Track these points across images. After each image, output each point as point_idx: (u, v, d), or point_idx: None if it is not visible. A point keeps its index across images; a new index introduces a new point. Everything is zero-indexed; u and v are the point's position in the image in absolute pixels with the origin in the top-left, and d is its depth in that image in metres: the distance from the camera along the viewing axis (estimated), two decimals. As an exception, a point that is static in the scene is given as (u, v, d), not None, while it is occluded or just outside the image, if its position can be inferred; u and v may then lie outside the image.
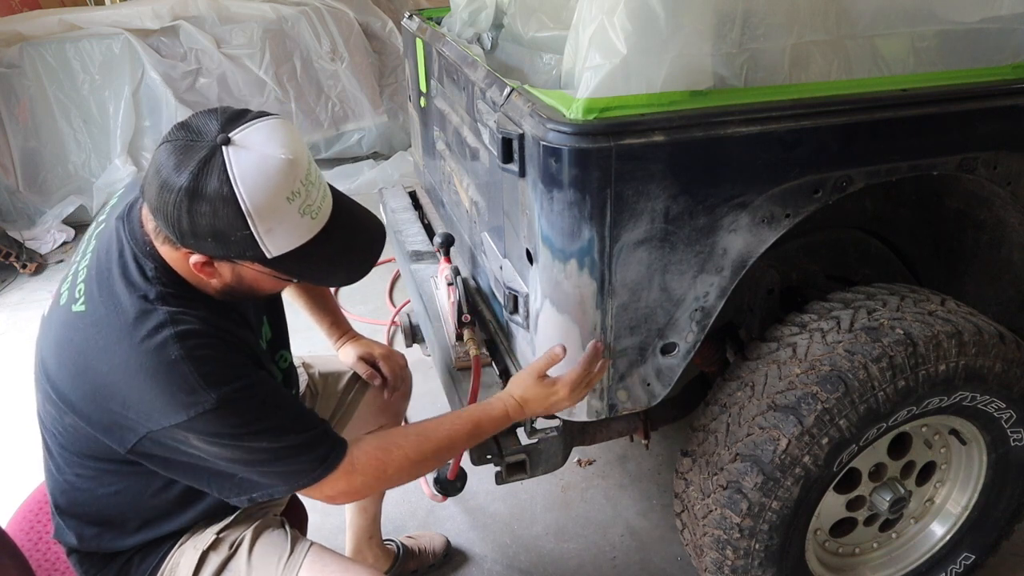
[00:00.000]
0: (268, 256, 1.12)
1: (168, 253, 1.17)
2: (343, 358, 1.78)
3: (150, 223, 1.17)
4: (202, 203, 1.05)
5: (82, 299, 1.18)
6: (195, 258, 1.13)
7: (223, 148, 1.06)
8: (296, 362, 1.67)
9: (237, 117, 1.10)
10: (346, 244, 1.20)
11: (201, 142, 1.06)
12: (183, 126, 1.10)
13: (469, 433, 1.33)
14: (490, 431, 1.37)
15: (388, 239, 1.32)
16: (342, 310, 1.87)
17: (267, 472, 1.19)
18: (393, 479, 1.30)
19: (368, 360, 1.76)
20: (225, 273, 1.18)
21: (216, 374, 1.13)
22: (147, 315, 1.13)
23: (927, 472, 1.72)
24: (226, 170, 1.05)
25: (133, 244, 1.19)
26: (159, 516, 1.31)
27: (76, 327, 1.17)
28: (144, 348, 1.11)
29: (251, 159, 1.06)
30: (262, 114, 1.13)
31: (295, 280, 1.23)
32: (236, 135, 1.07)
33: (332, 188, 1.22)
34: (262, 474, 1.19)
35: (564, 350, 1.34)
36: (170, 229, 1.10)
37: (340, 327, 1.80)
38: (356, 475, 1.23)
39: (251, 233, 1.08)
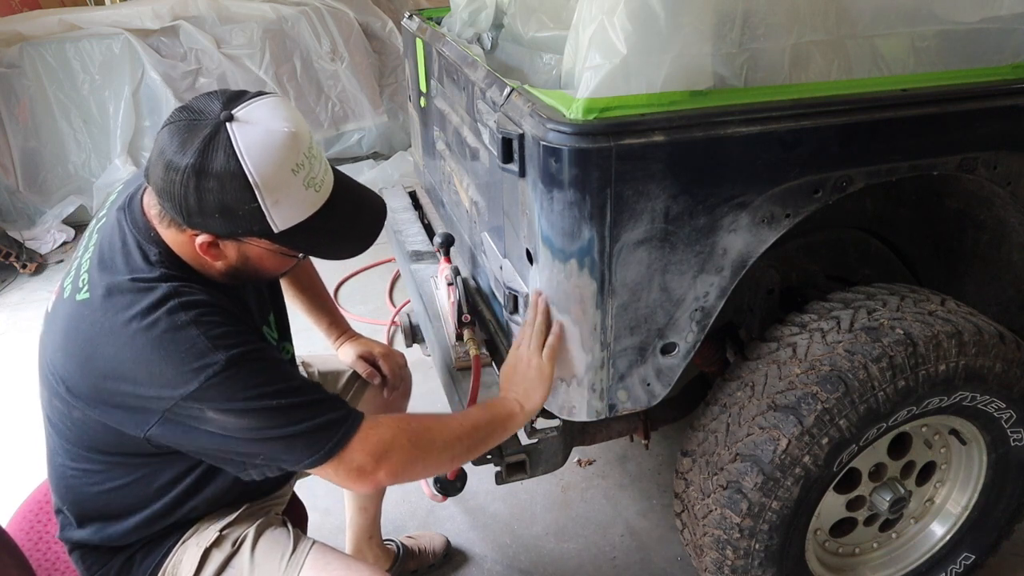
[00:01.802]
0: (275, 230, 1.13)
1: (172, 237, 1.18)
2: (342, 357, 1.78)
3: (154, 208, 1.18)
4: (209, 179, 1.07)
5: (85, 288, 1.19)
6: (201, 239, 1.14)
7: (227, 124, 1.08)
8: (296, 356, 1.68)
9: (237, 96, 1.13)
10: (350, 217, 1.22)
11: (204, 121, 1.08)
12: (184, 108, 1.12)
13: (489, 429, 1.32)
14: (511, 430, 1.36)
15: (388, 239, 1.33)
16: (342, 310, 1.87)
17: (292, 441, 1.14)
18: (423, 446, 1.23)
19: (367, 359, 1.76)
20: (230, 253, 1.18)
21: (223, 336, 1.13)
22: (151, 293, 1.14)
23: (927, 472, 1.72)
24: (232, 145, 1.06)
25: (135, 232, 1.20)
26: (164, 510, 1.31)
27: (81, 315, 1.17)
28: (150, 322, 1.12)
29: (256, 133, 1.08)
30: (260, 93, 1.15)
31: (300, 255, 1.24)
32: (239, 112, 1.09)
33: (333, 168, 1.23)
34: (287, 444, 1.14)
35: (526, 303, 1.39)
36: (176, 209, 1.11)
37: (339, 326, 1.81)
38: (383, 428, 1.19)
39: (259, 206, 1.09)
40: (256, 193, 1.08)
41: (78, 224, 4.42)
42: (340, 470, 1.17)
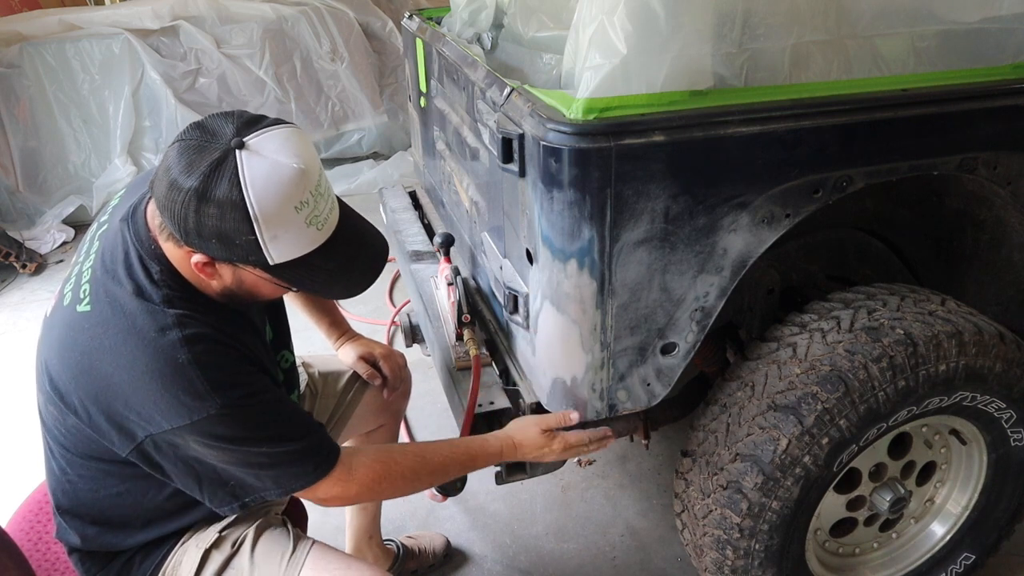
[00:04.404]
0: (270, 262, 1.12)
1: (171, 251, 1.18)
2: (343, 358, 1.78)
3: (156, 219, 1.17)
4: (210, 205, 1.06)
5: (87, 299, 1.18)
6: (197, 258, 1.13)
7: (236, 152, 1.06)
8: (296, 361, 1.67)
9: (253, 122, 1.11)
10: (348, 258, 1.20)
11: (215, 144, 1.07)
12: (198, 126, 1.11)
13: (463, 463, 1.38)
14: (483, 464, 1.41)
15: (388, 238, 1.33)
16: (342, 310, 1.87)
17: (263, 476, 1.21)
18: (386, 491, 1.34)
19: (368, 360, 1.76)
20: (226, 275, 1.18)
21: (221, 380, 1.14)
22: (154, 317, 1.14)
23: (927, 472, 1.72)
24: (237, 174, 1.05)
25: (138, 245, 1.19)
26: (162, 517, 1.31)
27: (81, 327, 1.17)
28: (151, 350, 1.12)
29: (263, 165, 1.06)
30: (278, 121, 1.13)
31: (294, 289, 1.23)
32: (251, 140, 1.07)
33: (340, 202, 1.22)
34: (258, 477, 1.21)
35: (579, 417, 1.43)
36: (175, 227, 1.11)
37: (339, 327, 1.81)
38: (352, 483, 1.26)
39: (256, 239, 1.08)
40: (255, 225, 1.07)
41: (78, 224, 4.41)
42: (304, 496, 1.27)
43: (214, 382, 1.12)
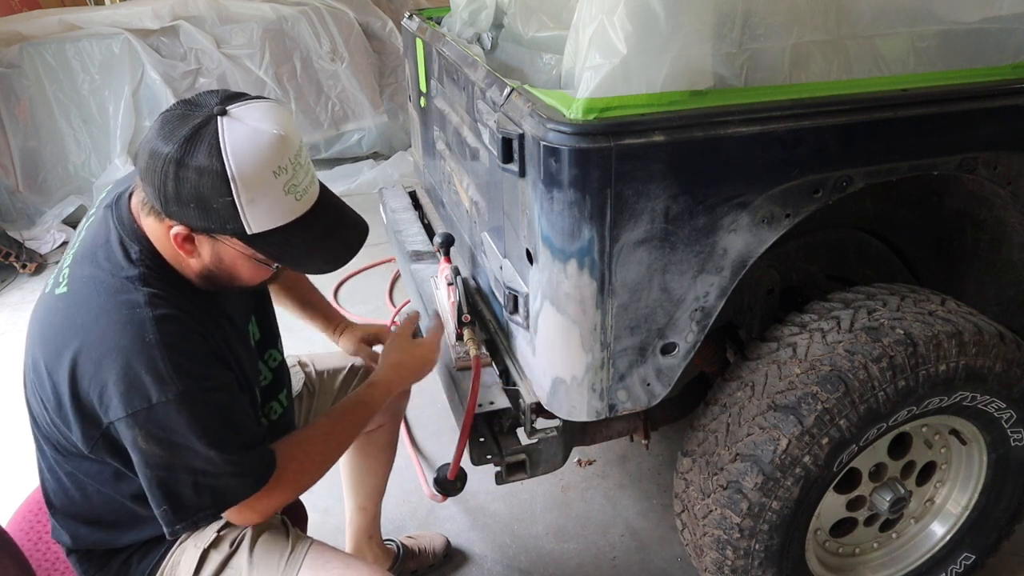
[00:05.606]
0: (248, 231, 1.12)
1: (152, 227, 1.18)
2: (344, 346, 1.78)
3: (138, 196, 1.18)
4: (188, 169, 1.07)
5: (65, 282, 1.19)
6: (176, 229, 1.13)
7: (218, 118, 1.09)
8: (292, 360, 1.67)
9: (237, 95, 1.14)
10: (327, 232, 1.21)
11: (198, 112, 1.10)
12: (183, 101, 1.13)
13: (363, 415, 1.42)
14: (381, 403, 1.46)
15: (388, 239, 1.33)
16: (342, 311, 1.87)
17: (203, 488, 1.17)
18: (308, 486, 1.33)
19: (369, 340, 1.76)
20: (205, 252, 1.18)
21: (185, 367, 1.13)
22: (127, 294, 1.14)
23: (927, 472, 1.72)
24: (217, 137, 1.07)
25: (120, 227, 1.20)
26: (152, 516, 1.30)
27: (57, 309, 1.18)
28: (120, 326, 1.12)
29: (243, 130, 1.08)
30: (260, 97, 1.16)
31: (273, 264, 1.22)
32: (233, 108, 1.10)
33: (322, 184, 1.23)
34: (197, 489, 1.17)
35: (418, 314, 1.55)
36: (155, 195, 1.11)
37: (333, 320, 1.80)
38: (275, 495, 1.25)
39: (233, 200, 1.08)
40: (232, 187, 1.08)
41: (78, 224, 4.41)
42: (237, 517, 1.26)
43: (178, 367, 1.12)
